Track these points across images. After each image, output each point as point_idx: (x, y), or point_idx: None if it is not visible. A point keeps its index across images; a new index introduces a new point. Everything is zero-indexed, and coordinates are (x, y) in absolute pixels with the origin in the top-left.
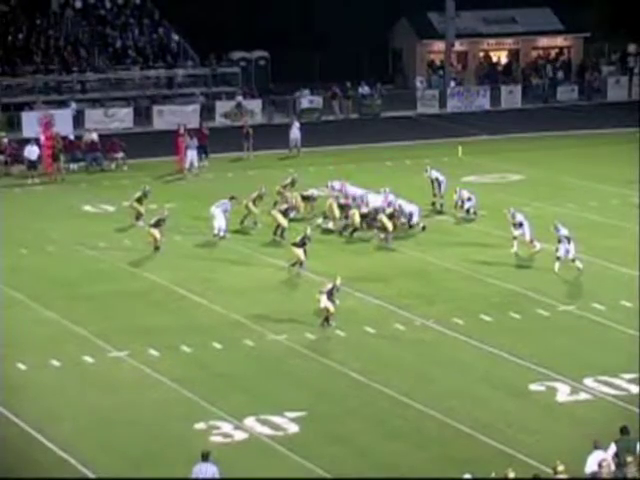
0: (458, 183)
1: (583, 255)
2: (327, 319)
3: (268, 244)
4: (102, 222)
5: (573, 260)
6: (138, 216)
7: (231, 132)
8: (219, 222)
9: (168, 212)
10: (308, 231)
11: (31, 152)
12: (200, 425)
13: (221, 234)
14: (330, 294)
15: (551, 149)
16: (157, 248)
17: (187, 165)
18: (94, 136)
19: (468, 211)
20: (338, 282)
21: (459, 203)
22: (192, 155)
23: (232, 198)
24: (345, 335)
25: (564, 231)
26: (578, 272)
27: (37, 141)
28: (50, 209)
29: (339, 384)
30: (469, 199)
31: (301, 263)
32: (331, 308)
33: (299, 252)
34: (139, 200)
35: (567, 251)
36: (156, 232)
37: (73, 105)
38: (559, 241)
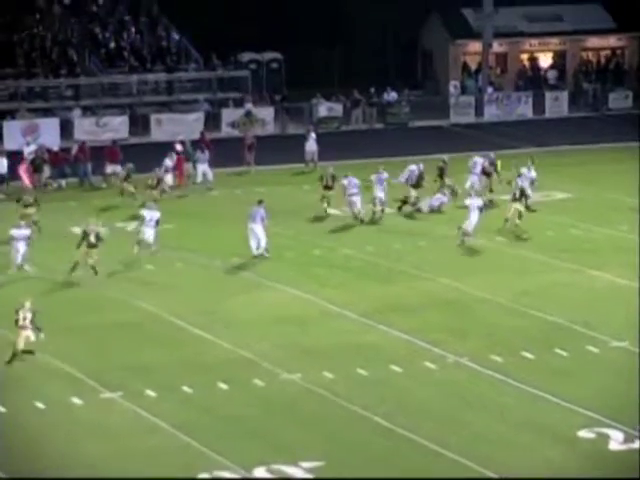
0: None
1: (637, 284)
2: (15, 355)
3: (279, 270)
4: None
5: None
6: (130, 195)
7: (239, 143)
8: (258, 238)
9: None
10: None
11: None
12: (203, 475)
13: (263, 252)
14: (32, 323)
15: (602, 164)
16: None
17: (199, 180)
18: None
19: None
20: (28, 305)
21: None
22: (204, 169)
23: (260, 202)
24: (368, 374)
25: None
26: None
27: (9, 153)
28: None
29: (361, 430)
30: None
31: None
32: (20, 344)
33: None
34: (126, 179)
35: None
36: None
37: (77, 111)
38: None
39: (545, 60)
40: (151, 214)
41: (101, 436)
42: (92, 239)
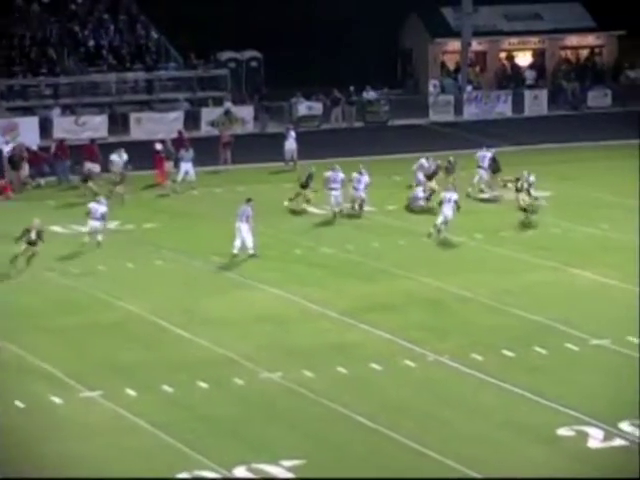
0: (474, 200)
1: (618, 282)
2: None
3: (260, 269)
4: (73, 245)
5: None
6: (92, 195)
7: (218, 142)
8: (243, 238)
9: None
10: None
11: None
12: (183, 475)
13: (250, 252)
14: None
15: (582, 162)
16: None
17: (180, 178)
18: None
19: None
20: None
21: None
22: (187, 167)
23: (249, 200)
24: (348, 373)
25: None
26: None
27: None
28: (11, 229)
29: (342, 429)
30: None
31: None
32: None
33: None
34: (86, 181)
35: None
36: None
37: (57, 110)
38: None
39: (524, 59)
40: (97, 207)
41: (81, 435)
42: (32, 236)
